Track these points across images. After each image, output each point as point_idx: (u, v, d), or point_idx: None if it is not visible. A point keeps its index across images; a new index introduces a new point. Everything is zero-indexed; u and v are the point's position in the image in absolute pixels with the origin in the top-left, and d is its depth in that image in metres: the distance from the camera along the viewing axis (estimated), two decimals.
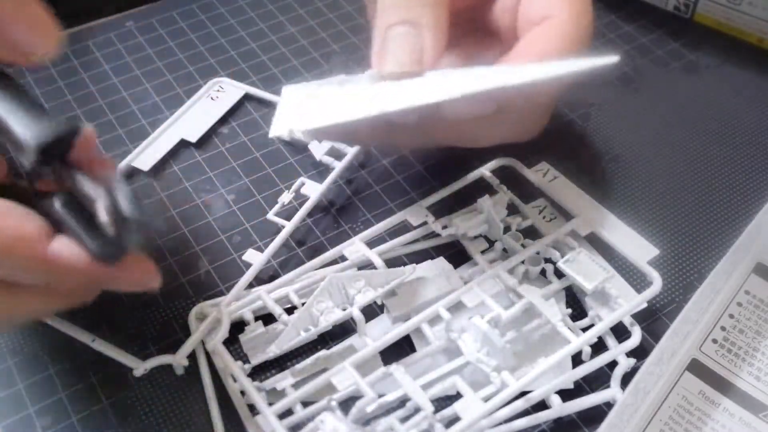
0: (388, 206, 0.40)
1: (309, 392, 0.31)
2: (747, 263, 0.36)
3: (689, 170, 0.42)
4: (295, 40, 0.49)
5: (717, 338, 0.34)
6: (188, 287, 0.36)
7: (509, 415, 0.31)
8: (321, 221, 0.39)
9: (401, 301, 0.34)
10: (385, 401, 0.31)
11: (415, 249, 0.37)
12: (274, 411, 0.30)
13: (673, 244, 0.39)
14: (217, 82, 0.46)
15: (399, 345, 0.33)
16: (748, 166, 0.42)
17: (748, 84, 0.47)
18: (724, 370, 0.33)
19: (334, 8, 0.52)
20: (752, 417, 0.32)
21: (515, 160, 0.40)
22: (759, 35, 0.48)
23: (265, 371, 0.33)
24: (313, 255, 0.36)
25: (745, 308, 0.35)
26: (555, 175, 0.39)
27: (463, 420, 0.29)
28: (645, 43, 0.50)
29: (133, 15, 0.51)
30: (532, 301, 0.33)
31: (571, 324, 0.33)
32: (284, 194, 0.39)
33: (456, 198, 0.38)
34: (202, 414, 0.32)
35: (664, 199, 0.41)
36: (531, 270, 0.35)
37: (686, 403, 0.32)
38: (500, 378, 0.31)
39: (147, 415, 0.32)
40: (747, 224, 0.35)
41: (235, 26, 0.50)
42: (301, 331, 0.33)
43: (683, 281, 0.37)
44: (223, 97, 0.45)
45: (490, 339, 0.31)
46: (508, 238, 0.36)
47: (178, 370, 0.33)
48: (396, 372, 0.31)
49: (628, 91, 0.47)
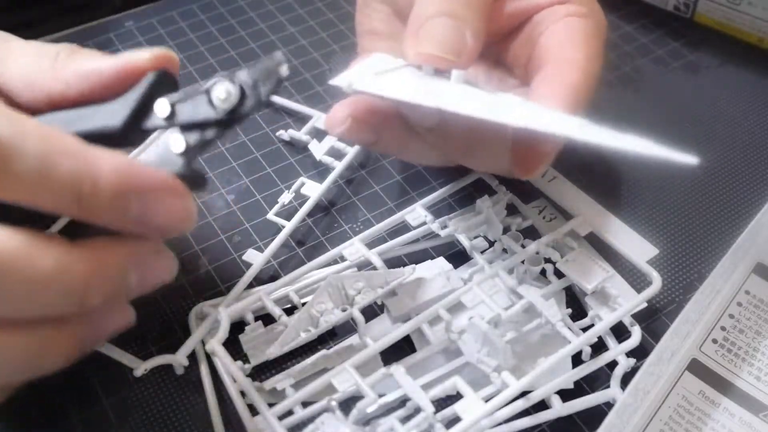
0: (388, 206, 0.40)
1: (309, 393, 0.31)
2: (747, 263, 0.36)
3: (689, 170, 0.42)
4: (295, 40, 0.49)
5: (717, 338, 0.34)
6: (188, 287, 0.36)
7: (509, 415, 0.31)
8: (321, 221, 0.39)
9: (401, 301, 0.34)
10: (386, 402, 0.31)
11: (415, 249, 0.38)
12: (274, 412, 0.30)
13: (673, 244, 0.39)
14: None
15: (399, 345, 0.33)
16: (748, 165, 0.42)
17: (748, 84, 0.47)
18: (724, 370, 0.33)
19: (334, 8, 0.52)
20: (752, 417, 0.32)
21: None
22: (759, 35, 0.48)
23: (265, 371, 0.33)
24: (313, 255, 0.36)
25: (745, 308, 0.35)
26: (554, 175, 0.39)
27: (463, 420, 0.29)
28: (645, 43, 0.50)
29: (133, 15, 0.51)
30: (532, 301, 0.33)
31: (571, 324, 0.33)
32: (284, 194, 0.39)
33: (455, 198, 0.38)
34: (202, 414, 0.32)
35: (664, 199, 0.41)
36: (531, 270, 0.35)
37: (686, 403, 0.32)
38: (500, 378, 0.31)
39: (147, 415, 0.32)
40: (747, 224, 0.35)
41: (235, 26, 0.50)
42: (301, 331, 0.33)
43: (683, 281, 0.37)
44: None
45: (491, 339, 0.31)
46: (508, 238, 0.36)
47: (178, 370, 0.33)
48: (396, 372, 0.31)
49: (628, 91, 0.47)
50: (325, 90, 0.46)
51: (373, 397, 0.30)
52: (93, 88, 0.28)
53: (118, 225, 0.26)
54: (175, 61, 0.29)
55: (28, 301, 0.24)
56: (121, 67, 0.28)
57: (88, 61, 0.28)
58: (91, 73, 0.28)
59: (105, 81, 0.28)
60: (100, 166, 0.24)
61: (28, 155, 0.23)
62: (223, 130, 0.27)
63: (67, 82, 0.28)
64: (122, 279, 0.26)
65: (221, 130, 0.27)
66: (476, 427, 0.30)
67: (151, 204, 0.25)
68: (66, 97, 0.28)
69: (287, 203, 0.39)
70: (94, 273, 0.25)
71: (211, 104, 0.27)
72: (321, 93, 0.46)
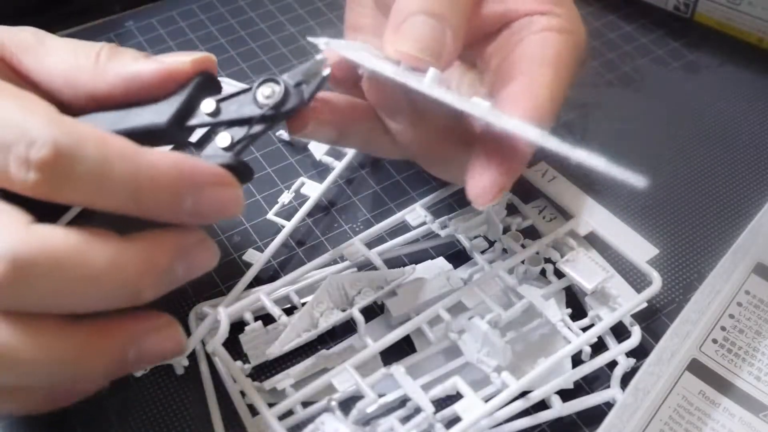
0: (388, 206, 0.40)
1: (309, 393, 0.31)
2: (747, 263, 0.36)
3: (689, 170, 0.42)
4: (295, 40, 0.49)
5: (717, 338, 0.34)
6: (188, 287, 0.36)
7: (509, 415, 0.31)
8: (321, 221, 0.39)
9: (401, 301, 0.34)
10: (386, 402, 0.31)
11: (415, 249, 0.38)
12: (274, 412, 0.30)
13: (673, 244, 0.39)
14: None
15: (399, 345, 0.33)
16: (748, 165, 0.42)
17: (748, 84, 0.47)
18: (724, 370, 0.33)
19: (334, 8, 0.52)
20: (752, 417, 0.32)
21: None
22: (759, 35, 0.48)
23: (265, 371, 0.33)
24: (313, 255, 0.36)
25: (745, 308, 0.35)
26: (554, 175, 0.39)
27: (463, 420, 0.29)
28: (645, 43, 0.50)
29: (133, 15, 0.51)
30: (532, 301, 0.33)
31: (570, 324, 0.33)
32: (284, 194, 0.39)
33: (455, 198, 0.38)
34: (202, 414, 0.32)
35: (664, 199, 0.41)
36: (531, 270, 0.35)
37: (686, 403, 0.32)
38: (500, 378, 0.31)
39: (147, 415, 0.32)
40: (747, 224, 0.35)
41: (235, 26, 0.50)
42: (301, 332, 0.33)
43: (683, 281, 0.37)
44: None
45: (490, 339, 0.31)
46: (508, 238, 0.36)
47: (178, 370, 0.33)
48: (396, 372, 0.31)
49: (628, 91, 0.47)
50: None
51: (373, 397, 0.30)
52: (134, 91, 0.29)
53: (171, 218, 0.27)
54: (214, 62, 0.30)
55: (84, 298, 0.25)
56: (163, 72, 0.28)
57: (130, 63, 0.29)
58: (134, 76, 0.28)
59: (146, 84, 0.28)
60: (157, 165, 0.25)
61: (87, 160, 0.24)
62: (268, 126, 0.29)
63: (109, 83, 0.29)
64: (172, 271, 0.27)
65: (266, 126, 0.29)
66: (476, 427, 0.30)
67: (204, 196, 0.27)
68: (108, 97, 0.29)
69: (287, 203, 0.39)
70: (146, 267, 0.26)
71: (255, 102, 0.29)
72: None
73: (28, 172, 0.24)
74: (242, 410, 0.31)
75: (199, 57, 0.29)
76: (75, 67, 0.29)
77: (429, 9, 0.30)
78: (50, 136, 0.24)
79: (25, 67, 0.29)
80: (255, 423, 0.31)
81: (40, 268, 0.24)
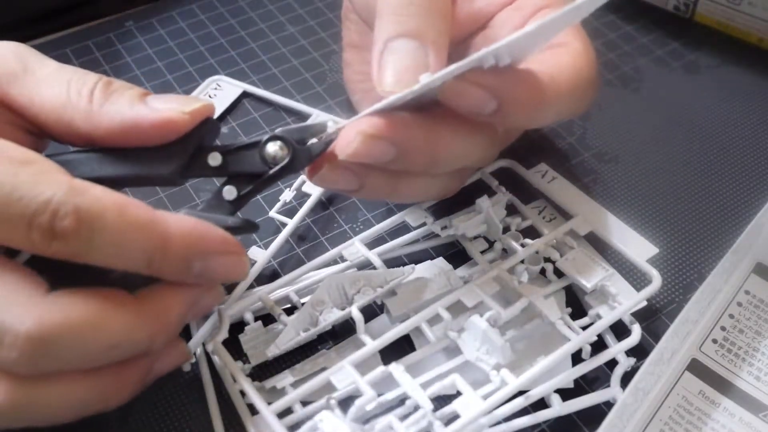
0: (388, 206, 0.40)
1: (308, 391, 0.31)
2: (747, 263, 0.36)
3: (689, 170, 0.42)
4: (295, 40, 0.49)
5: (717, 338, 0.34)
6: None
7: (509, 413, 0.31)
8: (321, 221, 0.39)
9: (401, 300, 0.34)
10: (385, 400, 0.31)
11: (415, 249, 0.37)
12: (273, 410, 0.30)
13: (673, 244, 0.39)
14: (215, 80, 0.46)
15: (398, 344, 0.33)
16: (748, 165, 0.42)
17: (748, 84, 0.47)
18: (724, 370, 0.33)
19: (334, 8, 0.52)
20: (752, 417, 0.32)
21: (514, 161, 0.40)
22: (759, 35, 0.48)
23: (265, 371, 0.33)
24: (313, 255, 0.36)
25: (745, 308, 0.35)
26: (554, 176, 0.39)
27: (461, 417, 0.29)
28: (645, 43, 0.50)
29: (133, 15, 0.51)
30: (531, 301, 0.33)
31: (570, 323, 0.33)
32: (285, 192, 0.39)
33: (455, 199, 0.38)
34: (202, 414, 0.32)
35: (664, 199, 0.41)
36: (530, 269, 0.35)
37: (686, 403, 0.32)
38: (500, 376, 0.31)
39: (147, 415, 0.32)
40: (747, 224, 0.35)
41: (235, 26, 0.50)
42: (300, 331, 0.33)
43: (683, 281, 0.37)
44: (221, 95, 0.45)
45: (489, 337, 0.31)
46: (508, 237, 0.36)
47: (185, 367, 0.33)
48: (395, 371, 0.31)
49: (628, 91, 0.47)
50: (324, 90, 0.46)
51: (372, 395, 0.30)
52: (132, 138, 0.29)
53: (179, 280, 0.28)
54: (212, 109, 0.30)
55: (100, 358, 0.27)
56: (162, 123, 0.28)
57: (126, 109, 0.28)
58: (132, 126, 0.28)
59: (143, 134, 0.29)
60: (170, 235, 0.26)
61: (106, 230, 0.25)
62: (272, 182, 0.30)
63: (105, 128, 0.28)
64: (182, 322, 0.29)
65: (270, 182, 0.30)
66: (476, 426, 0.30)
67: (211, 263, 0.28)
68: (104, 141, 0.29)
69: (289, 201, 0.39)
70: (160, 327, 0.28)
71: (262, 159, 0.30)
72: (321, 92, 0.46)
73: (51, 242, 0.25)
74: (242, 410, 0.31)
75: (198, 108, 0.29)
76: (67, 105, 0.28)
77: (406, 30, 0.30)
78: (72, 206, 0.25)
79: (10, 98, 0.29)
80: (255, 423, 0.31)
81: (63, 341, 0.25)
